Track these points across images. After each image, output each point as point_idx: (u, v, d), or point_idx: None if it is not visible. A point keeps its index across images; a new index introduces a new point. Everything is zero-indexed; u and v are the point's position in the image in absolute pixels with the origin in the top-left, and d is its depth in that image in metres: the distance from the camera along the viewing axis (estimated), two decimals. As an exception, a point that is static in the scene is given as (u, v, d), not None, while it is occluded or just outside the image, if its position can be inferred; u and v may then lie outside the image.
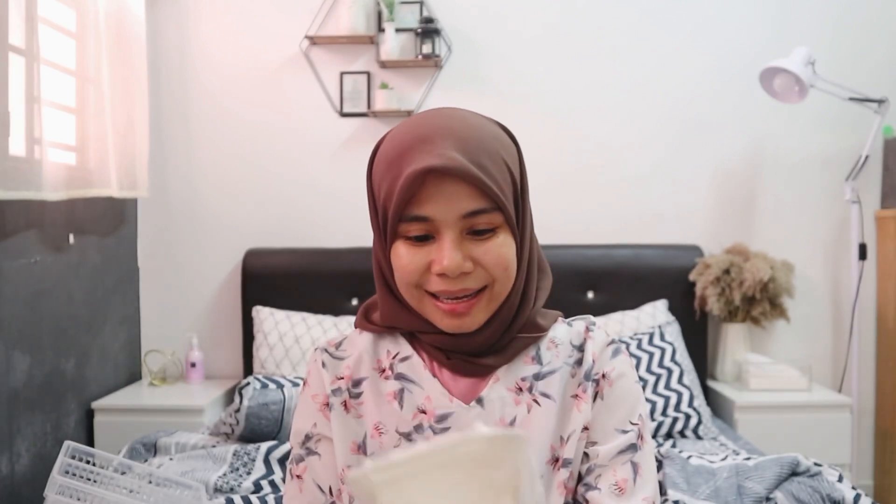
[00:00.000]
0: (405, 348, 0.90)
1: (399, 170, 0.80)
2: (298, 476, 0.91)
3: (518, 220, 0.84)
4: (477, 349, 0.86)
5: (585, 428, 0.87)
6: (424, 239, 0.82)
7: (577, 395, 0.88)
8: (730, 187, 2.78)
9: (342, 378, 0.91)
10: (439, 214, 0.79)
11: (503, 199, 0.81)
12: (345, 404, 0.90)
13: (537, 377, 0.88)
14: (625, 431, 0.87)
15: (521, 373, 0.88)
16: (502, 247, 0.82)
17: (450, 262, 0.79)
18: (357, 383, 0.90)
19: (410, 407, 0.87)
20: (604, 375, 0.89)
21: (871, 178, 2.71)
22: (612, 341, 0.92)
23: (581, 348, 0.90)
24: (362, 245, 2.69)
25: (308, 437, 0.91)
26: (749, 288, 2.50)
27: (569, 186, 2.77)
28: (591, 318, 0.94)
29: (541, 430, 0.86)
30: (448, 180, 0.78)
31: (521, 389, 0.87)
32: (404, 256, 0.82)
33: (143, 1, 2.57)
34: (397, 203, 0.80)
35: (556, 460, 0.86)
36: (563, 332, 0.92)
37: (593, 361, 0.89)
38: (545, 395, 0.87)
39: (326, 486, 0.89)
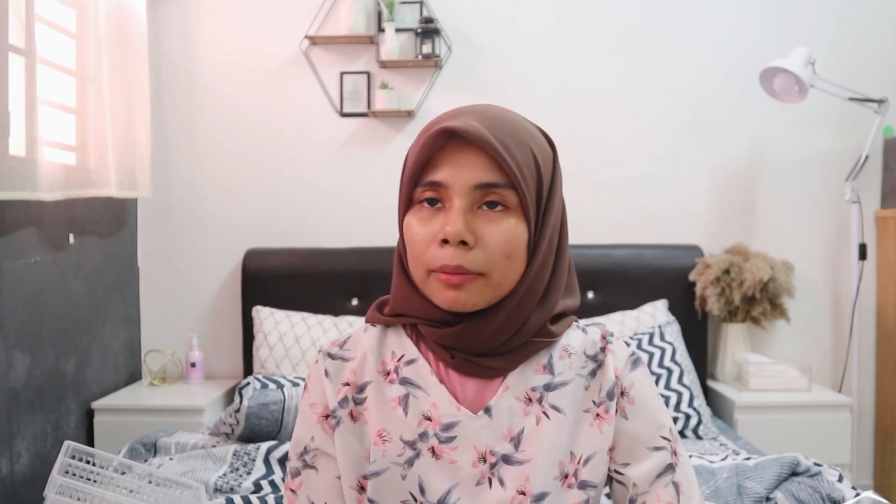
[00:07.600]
0: (411, 350, 0.87)
1: (422, 138, 0.83)
2: (293, 490, 0.88)
3: (538, 212, 0.83)
4: (483, 346, 0.83)
5: (611, 448, 0.85)
6: (434, 203, 0.82)
7: (597, 415, 0.85)
8: (730, 187, 2.78)
9: (348, 385, 0.87)
10: (452, 181, 0.80)
11: (520, 178, 0.80)
12: (351, 413, 0.86)
13: (548, 388, 0.84)
14: (657, 448, 0.84)
15: (531, 382, 0.85)
16: (511, 232, 0.80)
17: (453, 227, 0.78)
18: (361, 389, 0.87)
19: (416, 414, 0.84)
20: (622, 392, 0.86)
21: (871, 178, 2.71)
22: (633, 353, 0.89)
23: (595, 358, 0.87)
24: (362, 245, 2.69)
25: (306, 451, 0.88)
26: (749, 288, 2.50)
27: (569, 186, 2.73)
28: (606, 326, 0.91)
29: (548, 445, 0.82)
30: (467, 149, 0.80)
31: (530, 400, 0.84)
32: (414, 228, 0.82)
33: (145, 1, 2.57)
34: (414, 163, 0.82)
35: (566, 477, 0.82)
36: (577, 339, 0.89)
37: (616, 378, 0.86)
38: (555, 409, 0.84)
39: (322, 503, 0.86)
